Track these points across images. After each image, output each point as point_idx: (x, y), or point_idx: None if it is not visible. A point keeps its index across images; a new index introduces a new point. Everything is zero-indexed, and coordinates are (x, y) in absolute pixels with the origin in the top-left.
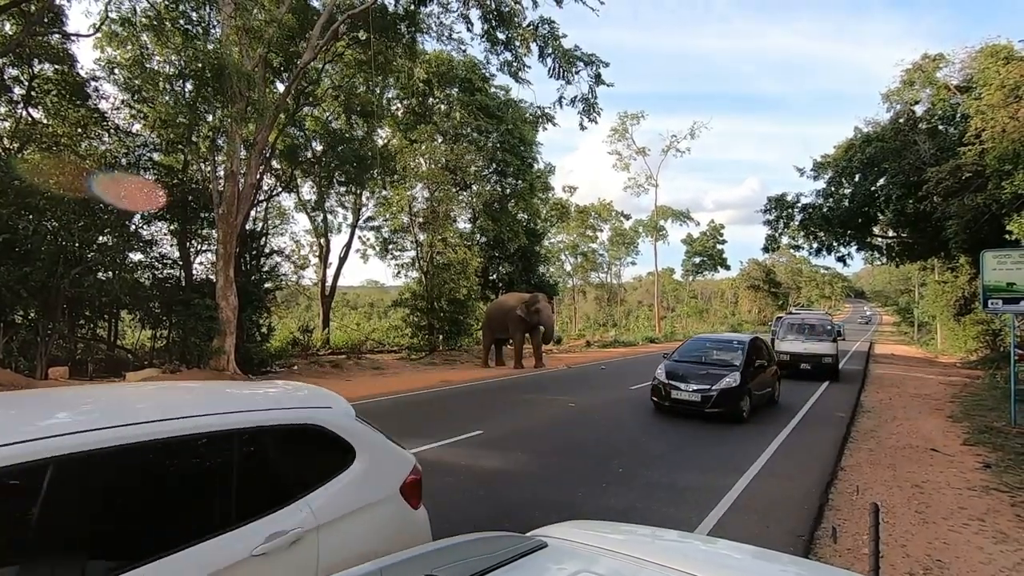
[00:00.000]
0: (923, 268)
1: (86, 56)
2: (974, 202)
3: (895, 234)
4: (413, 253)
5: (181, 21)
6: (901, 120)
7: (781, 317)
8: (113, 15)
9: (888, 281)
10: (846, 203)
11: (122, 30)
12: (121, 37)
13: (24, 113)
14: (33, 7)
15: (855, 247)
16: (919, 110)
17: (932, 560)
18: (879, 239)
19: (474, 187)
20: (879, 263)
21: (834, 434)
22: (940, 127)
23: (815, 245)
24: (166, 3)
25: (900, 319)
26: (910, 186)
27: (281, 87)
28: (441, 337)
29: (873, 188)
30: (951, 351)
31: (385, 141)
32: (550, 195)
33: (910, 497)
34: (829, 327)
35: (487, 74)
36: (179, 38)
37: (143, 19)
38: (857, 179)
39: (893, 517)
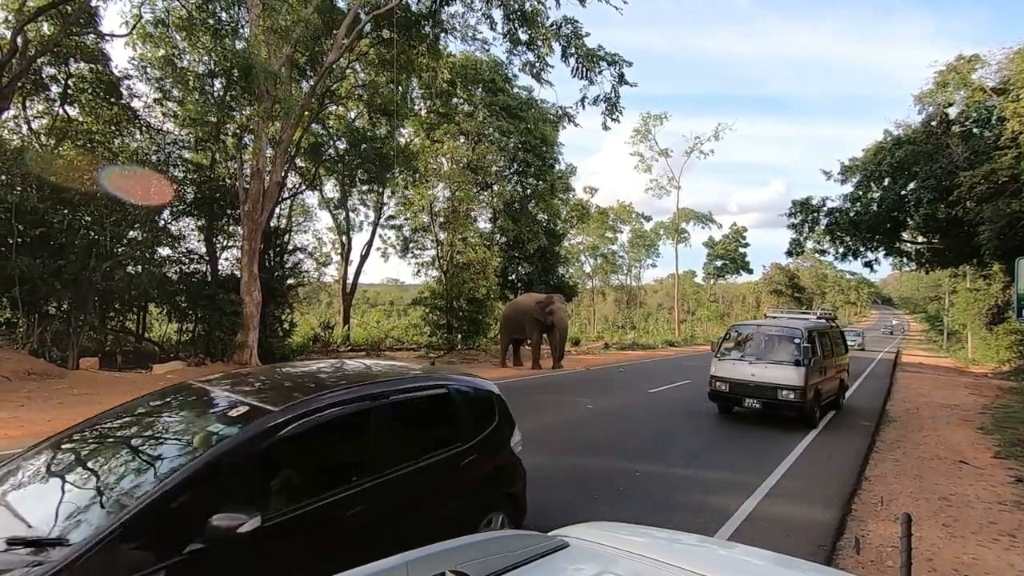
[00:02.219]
0: (954, 275)
1: (120, 55)
2: (1009, 207)
3: (925, 239)
4: (433, 252)
5: (211, 21)
6: (933, 123)
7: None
8: (147, 16)
9: (917, 288)
10: (874, 207)
11: (155, 30)
12: (154, 37)
13: (60, 110)
14: (70, 8)
15: (883, 252)
16: (952, 112)
17: None
18: (908, 244)
19: (495, 187)
20: (908, 269)
21: None
22: (974, 130)
23: (841, 250)
24: (197, 4)
25: (929, 327)
26: (942, 190)
27: (306, 86)
28: (459, 336)
29: (903, 192)
30: (982, 361)
31: (407, 140)
32: (571, 196)
33: (937, 510)
34: (798, 340)
35: (510, 74)
36: (208, 38)
37: (175, 19)
38: (886, 183)
39: (919, 530)
